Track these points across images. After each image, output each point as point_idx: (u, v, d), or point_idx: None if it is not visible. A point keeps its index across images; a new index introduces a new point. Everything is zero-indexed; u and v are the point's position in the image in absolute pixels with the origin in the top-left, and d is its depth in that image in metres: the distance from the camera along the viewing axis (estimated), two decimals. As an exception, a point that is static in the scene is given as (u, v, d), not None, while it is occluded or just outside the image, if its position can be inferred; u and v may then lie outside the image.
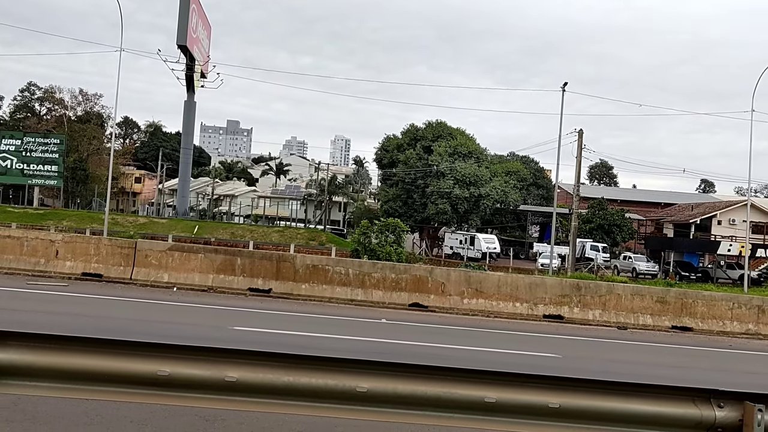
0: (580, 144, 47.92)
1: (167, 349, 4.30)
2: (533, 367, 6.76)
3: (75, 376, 4.21)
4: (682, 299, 19.06)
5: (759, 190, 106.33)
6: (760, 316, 19.17)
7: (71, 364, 4.18)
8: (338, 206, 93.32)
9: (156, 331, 11.00)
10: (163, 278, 18.10)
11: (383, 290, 18.33)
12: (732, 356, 15.47)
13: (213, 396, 4.31)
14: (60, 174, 66.35)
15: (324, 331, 13.03)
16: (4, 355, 4.09)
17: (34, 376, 4.19)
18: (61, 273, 18.04)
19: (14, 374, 4.15)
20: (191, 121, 69.55)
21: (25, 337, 4.18)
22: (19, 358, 4.13)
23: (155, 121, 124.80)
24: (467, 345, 13.08)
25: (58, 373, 4.19)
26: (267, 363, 4.32)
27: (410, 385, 4.36)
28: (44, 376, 4.19)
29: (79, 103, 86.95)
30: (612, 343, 15.67)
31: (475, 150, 65.07)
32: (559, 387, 4.50)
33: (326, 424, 6.09)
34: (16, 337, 4.16)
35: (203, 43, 67.83)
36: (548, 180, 78.91)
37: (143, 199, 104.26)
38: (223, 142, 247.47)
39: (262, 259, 18.70)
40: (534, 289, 18.74)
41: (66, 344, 4.23)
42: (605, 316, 18.53)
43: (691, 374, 11.79)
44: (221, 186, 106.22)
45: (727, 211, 63.67)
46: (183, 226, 59.48)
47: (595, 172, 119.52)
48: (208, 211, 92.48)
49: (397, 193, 64.65)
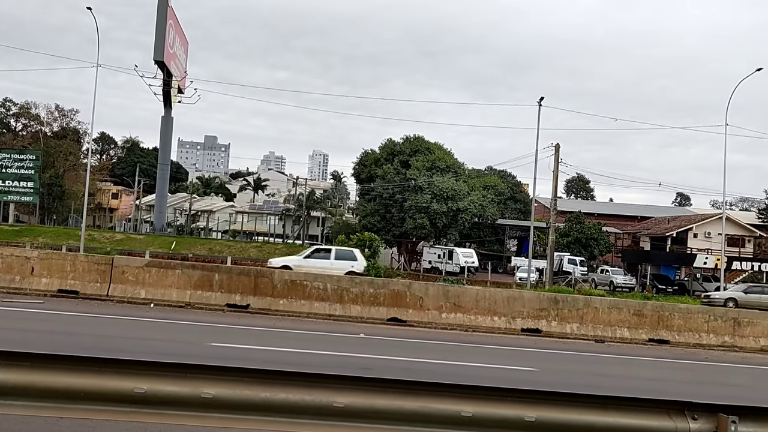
0: (557, 158, 48.26)
1: (144, 366, 4.29)
2: (510, 381, 6.79)
3: (50, 394, 4.18)
4: (659, 312, 19.21)
5: (734, 203, 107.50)
6: (735, 328, 19.37)
7: (46, 382, 4.15)
8: (317, 221, 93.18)
9: (133, 348, 10.92)
10: (140, 294, 17.98)
11: (361, 305, 18.32)
12: (708, 368, 15.61)
13: (190, 413, 4.30)
14: (36, 190, 65.70)
15: (302, 346, 13.00)
16: (-22, 374, 4.06)
17: (8, 394, 4.16)
18: (36, 290, 17.87)
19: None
20: (168, 137, 69.24)
21: (1, 356, 4.15)
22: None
23: (132, 137, 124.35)
24: (445, 359, 13.09)
25: (33, 391, 4.16)
26: (244, 379, 4.32)
27: (387, 400, 4.38)
28: (19, 394, 4.16)
29: (55, 119, 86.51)
30: (589, 356, 15.76)
31: (453, 164, 65.30)
32: (536, 400, 4.53)
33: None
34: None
35: (180, 59, 67.68)
36: (526, 194, 79.30)
37: (120, 215, 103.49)
38: (201, 158, 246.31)
39: (240, 275, 18.63)
40: (512, 303, 18.81)
41: (41, 362, 4.20)
42: (583, 330, 18.64)
43: (668, 386, 11.88)
44: (199, 201, 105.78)
45: (702, 224, 64.37)
46: (160, 242, 59.09)
47: (572, 185, 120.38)
48: (186, 226, 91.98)
49: (376, 208, 64.67)
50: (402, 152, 65.73)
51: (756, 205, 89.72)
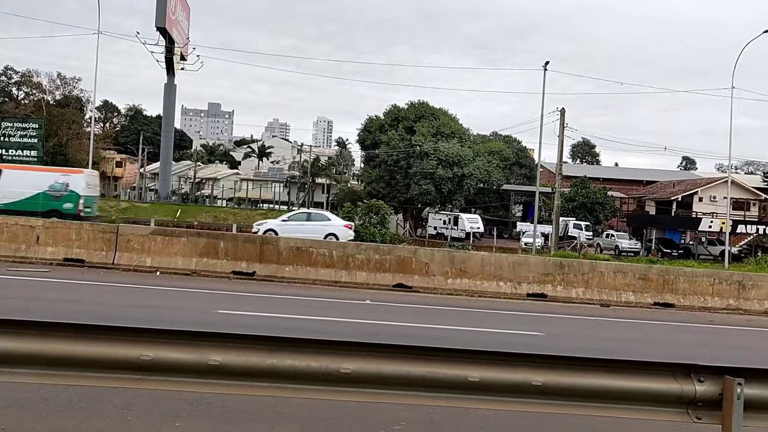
0: (563, 123, 48.03)
1: (150, 333, 4.29)
2: (517, 346, 6.81)
3: (58, 362, 4.19)
4: (663, 276, 19.20)
5: (739, 167, 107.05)
6: (740, 291, 19.37)
7: (54, 350, 4.16)
8: (321, 188, 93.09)
9: (139, 316, 10.97)
10: (146, 262, 18.02)
11: (367, 271, 18.34)
12: (713, 331, 15.64)
13: (196, 380, 4.31)
14: (39, 159, 65.42)
15: (308, 313, 13.05)
16: (-16, 343, 4.07)
17: (16, 363, 4.17)
18: (42, 259, 17.91)
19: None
20: (172, 104, 69.05)
21: (7, 324, 4.16)
22: (1, 345, 4.10)
23: (135, 105, 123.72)
24: (451, 325, 13.14)
25: (41, 359, 4.17)
26: (250, 346, 4.32)
27: (394, 365, 4.38)
28: (27, 362, 4.17)
29: (57, 87, 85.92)
30: (595, 321, 15.79)
31: (458, 130, 65.00)
32: (542, 365, 4.53)
33: (311, 405, 6.11)
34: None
35: (182, 25, 67.17)
36: (531, 159, 78.99)
37: (125, 184, 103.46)
38: (205, 125, 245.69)
39: (246, 242, 18.64)
40: (517, 268, 18.81)
41: (48, 330, 4.21)
42: (588, 294, 18.65)
43: (673, 350, 11.90)
44: (203, 169, 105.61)
45: (708, 188, 64.16)
46: (165, 210, 59.15)
47: (578, 150, 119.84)
48: (191, 194, 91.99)
49: (381, 174, 64.55)
50: (407, 118, 65.44)
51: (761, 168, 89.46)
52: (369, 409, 5.91)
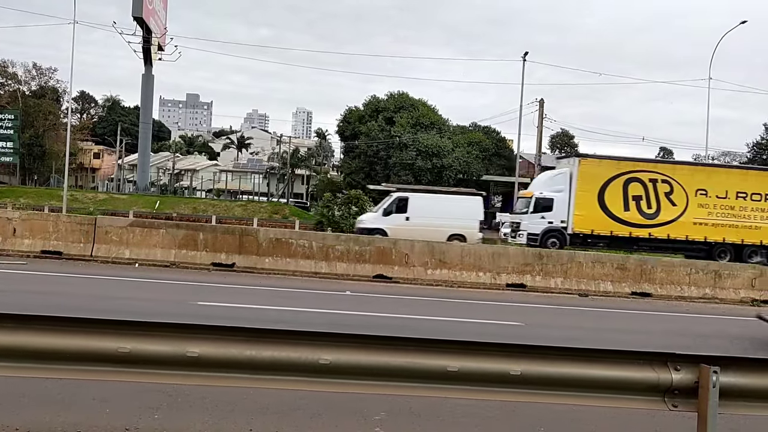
0: (541, 113, 48.26)
1: (128, 325, 4.27)
2: (496, 336, 6.85)
3: (35, 354, 4.17)
4: (641, 266, 19.37)
5: (716, 157, 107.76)
6: (716, 280, 19.58)
7: (31, 342, 4.13)
8: (301, 179, 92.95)
9: (117, 308, 10.90)
10: (125, 254, 17.91)
11: (347, 262, 18.35)
12: (689, 320, 15.80)
13: (175, 372, 4.30)
14: (16, 150, 64.85)
15: (287, 304, 13.04)
16: (-40, 336, 4.03)
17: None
18: (19, 251, 17.74)
19: (-29, 355, 4.09)
20: (149, 95, 68.60)
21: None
22: (-25, 339, 4.07)
23: (113, 96, 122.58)
24: (431, 315, 13.18)
25: (18, 352, 4.14)
26: (229, 337, 4.31)
27: (373, 356, 4.39)
28: (3, 355, 4.14)
29: (33, 77, 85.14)
30: (574, 310, 15.90)
31: (437, 121, 65.07)
32: (521, 354, 4.56)
33: (290, 396, 6.11)
34: (-28, 317, 4.10)
35: (160, 15, 66.65)
36: (510, 150, 79.00)
37: (103, 175, 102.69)
38: (183, 116, 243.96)
39: (225, 234, 18.58)
40: (497, 259, 18.89)
41: (25, 323, 4.18)
42: (567, 284, 18.78)
43: (650, 339, 12.02)
44: (182, 160, 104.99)
45: (685, 178, 64.47)
46: (144, 201, 58.83)
47: (557, 141, 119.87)
48: (170, 186, 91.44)
49: (360, 165, 64.48)
50: (386, 109, 65.37)
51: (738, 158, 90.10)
52: (349, 400, 5.92)
